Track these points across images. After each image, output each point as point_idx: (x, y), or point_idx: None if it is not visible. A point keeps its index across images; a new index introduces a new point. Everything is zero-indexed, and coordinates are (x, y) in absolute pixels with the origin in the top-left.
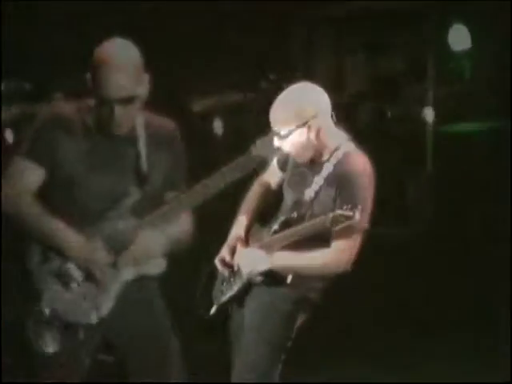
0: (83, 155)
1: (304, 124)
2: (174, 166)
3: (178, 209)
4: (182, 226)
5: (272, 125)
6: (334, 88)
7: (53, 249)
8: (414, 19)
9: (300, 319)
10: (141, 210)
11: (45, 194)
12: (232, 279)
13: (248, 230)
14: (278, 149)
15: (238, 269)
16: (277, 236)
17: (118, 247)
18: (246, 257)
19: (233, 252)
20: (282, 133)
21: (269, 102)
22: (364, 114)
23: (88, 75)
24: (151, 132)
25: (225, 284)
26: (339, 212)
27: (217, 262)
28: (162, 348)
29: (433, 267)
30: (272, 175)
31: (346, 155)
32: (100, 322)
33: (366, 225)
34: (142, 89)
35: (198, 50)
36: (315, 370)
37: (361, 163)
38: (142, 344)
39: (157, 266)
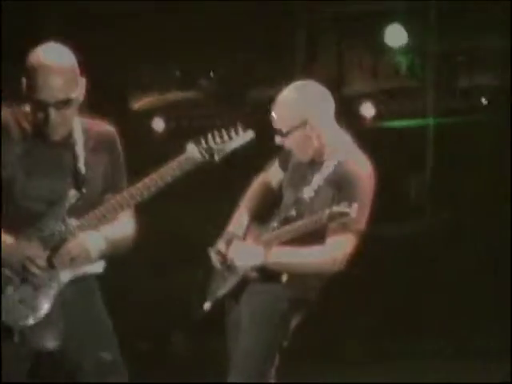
0: (20, 159)
1: (305, 123)
2: (113, 169)
3: (115, 209)
4: (122, 228)
5: (273, 122)
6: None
7: None
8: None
9: (295, 319)
10: (79, 212)
11: None
12: (226, 274)
13: (247, 227)
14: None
15: (232, 263)
16: (275, 233)
17: (56, 248)
18: (240, 250)
19: (229, 245)
20: (284, 130)
21: (210, 99)
22: None
23: (23, 79)
24: (89, 136)
25: (220, 280)
26: (336, 209)
27: (212, 253)
28: (105, 349)
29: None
30: (273, 173)
31: (347, 156)
32: (39, 325)
33: (362, 226)
34: (78, 92)
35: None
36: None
37: (362, 165)
38: (85, 346)
39: (95, 267)
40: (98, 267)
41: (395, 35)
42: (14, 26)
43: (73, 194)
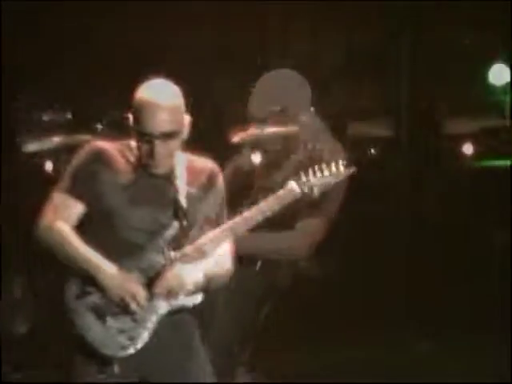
0: (123, 189)
1: (286, 109)
2: (214, 205)
3: (214, 243)
4: (220, 263)
5: (251, 109)
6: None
7: (88, 281)
8: None
9: (268, 306)
10: (178, 245)
11: (84, 228)
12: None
13: None
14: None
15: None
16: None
17: (154, 279)
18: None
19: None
20: (262, 116)
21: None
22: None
23: (129, 114)
24: (192, 171)
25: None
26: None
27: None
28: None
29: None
30: (244, 162)
31: (323, 145)
32: (136, 357)
33: (332, 214)
34: (182, 128)
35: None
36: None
37: (337, 155)
38: (181, 377)
39: (191, 300)
40: (195, 300)
41: (499, 74)
42: None
43: (174, 226)
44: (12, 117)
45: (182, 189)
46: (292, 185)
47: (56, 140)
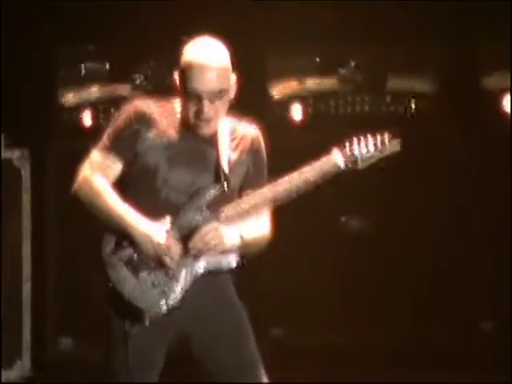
0: (164, 149)
1: (231, 87)
2: (254, 171)
3: (255, 207)
4: (258, 228)
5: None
6: None
7: (124, 235)
8: None
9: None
10: (217, 208)
11: (123, 186)
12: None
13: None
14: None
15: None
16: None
17: (191, 235)
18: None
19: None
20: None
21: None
22: None
23: (176, 73)
24: (235, 136)
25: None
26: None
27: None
28: (241, 339)
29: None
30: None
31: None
32: (172, 313)
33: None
34: (230, 86)
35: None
36: None
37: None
38: (220, 336)
39: (228, 261)
40: (232, 262)
41: None
42: None
43: (214, 188)
44: (50, 69)
45: (225, 153)
46: (336, 154)
47: (95, 91)
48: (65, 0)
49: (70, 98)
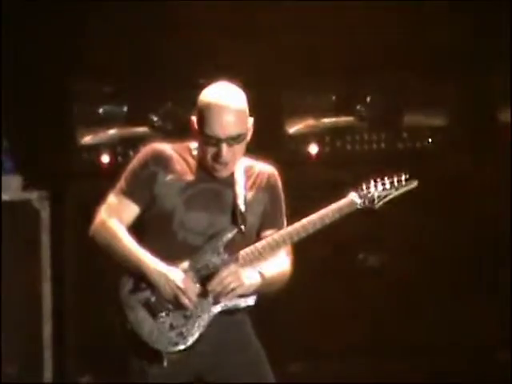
0: (181, 192)
1: (248, 130)
2: (272, 210)
3: (272, 247)
4: (278, 266)
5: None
6: None
7: (141, 277)
8: None
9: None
10: (235, 250)
11: (141, 228)
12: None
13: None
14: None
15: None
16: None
17: (209, 278)
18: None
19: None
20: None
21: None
22: None
23: (193, 117)
24: (250, 175)
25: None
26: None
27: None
28: (260, 377)
29: None
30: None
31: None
32: (190, 354)
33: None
34: (248, 131)
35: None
36: None
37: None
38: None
39: (246, 300)
40: (251, 300)
41: None
42: None
43: (231, 229)
44: (69, 110)
45: (241, 193)
46: (353, 196)
47: (113, 133)
48: (83, 41)
49: (88, 138)
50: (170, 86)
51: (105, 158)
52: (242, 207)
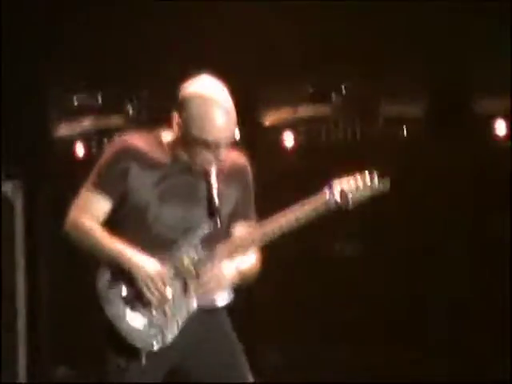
0: (154, 185)
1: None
2: (243, 201)
3: (248, 244)
4: (250, 259)
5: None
6: None
7: (120, 271)
8: None
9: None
10: (209, 243)
11: (114, 223)
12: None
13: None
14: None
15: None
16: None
17: (187, 276)
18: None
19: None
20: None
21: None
22: None
23: (175, 113)
24: (223, 166)
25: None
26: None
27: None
28: (236, 373)
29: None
30: None
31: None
32: (168, 350)
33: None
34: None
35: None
36: None
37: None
38: (216, 371)
39: (224, 297)
40: (228, 298)
41: None
42: None
43: (207, 224)
44: (43, 102)
45: (215, 186)
46: (326, 193)
47: (87, 123)
48: (57, 35)
49: (62, 129)
50: (145, 75)
51: (79, 149)
52: (217, 200)
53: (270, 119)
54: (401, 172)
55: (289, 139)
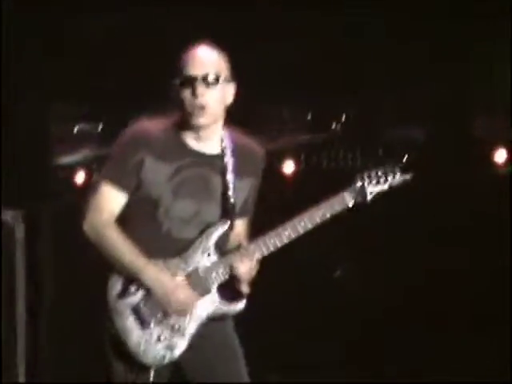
0: (169, 178)
1: (227, 79)
2: (251, 198)
3: (262, 250)
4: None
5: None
6: None
7: (132, 281)
8: None
9: None
10: (222, 244)
11: (125, 215)
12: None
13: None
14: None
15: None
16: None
17: (201, 285)
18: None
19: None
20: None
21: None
22: None
23: (174, 81)
24: (240, 156)
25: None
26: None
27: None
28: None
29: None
30: None
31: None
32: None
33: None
34: (225, 77)
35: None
36: None
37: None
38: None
39: (236, 308)
40: (239, 307)
41: None
42: None
43: (222, 226)
44: (44, 129)
45: (231, 182)
46: (344, 194)
47: (87, 152)
48: (59, 61)
49: (63, 158)
50: (145, 104)
51: (80, 177)
52: (232, 199)
53: (269, 146)
54: (401, 196)
55: (289, 166)
